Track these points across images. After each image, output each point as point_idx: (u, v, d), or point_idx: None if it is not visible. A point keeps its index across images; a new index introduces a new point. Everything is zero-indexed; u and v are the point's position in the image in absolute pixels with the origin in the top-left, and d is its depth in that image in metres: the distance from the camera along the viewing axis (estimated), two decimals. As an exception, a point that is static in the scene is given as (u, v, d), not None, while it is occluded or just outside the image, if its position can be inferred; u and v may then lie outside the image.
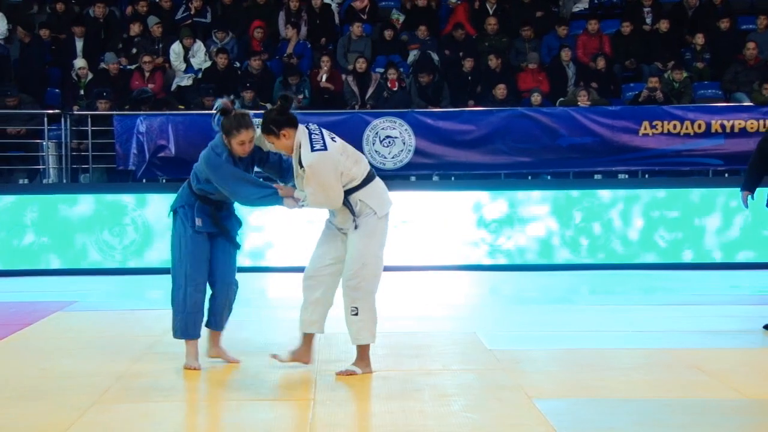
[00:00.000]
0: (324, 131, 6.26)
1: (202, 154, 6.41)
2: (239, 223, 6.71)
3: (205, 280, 6.53)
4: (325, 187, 6.13)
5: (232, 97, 5.93)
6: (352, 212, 6.26)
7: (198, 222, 6.45)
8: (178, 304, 6.54)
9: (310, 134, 6.16)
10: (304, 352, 6.54)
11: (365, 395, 6.00)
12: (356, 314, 6.30)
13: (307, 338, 6.54)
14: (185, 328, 6.55)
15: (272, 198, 6.31)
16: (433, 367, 6.73)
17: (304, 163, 6.08)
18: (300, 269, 6.60)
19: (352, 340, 6.42)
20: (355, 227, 6.28)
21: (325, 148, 6.11)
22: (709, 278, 11.48)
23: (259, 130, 6.36)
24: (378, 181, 6.39)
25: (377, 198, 6.34)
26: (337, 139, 6.30)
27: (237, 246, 6.64)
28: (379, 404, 5.75)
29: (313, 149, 6.09)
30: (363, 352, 6.43)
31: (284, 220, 11.17)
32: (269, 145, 6.35)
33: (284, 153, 6.33)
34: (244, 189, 6.30)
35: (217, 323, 6.64)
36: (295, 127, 6.19)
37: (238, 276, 6.71)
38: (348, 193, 6.23)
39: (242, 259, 10.93)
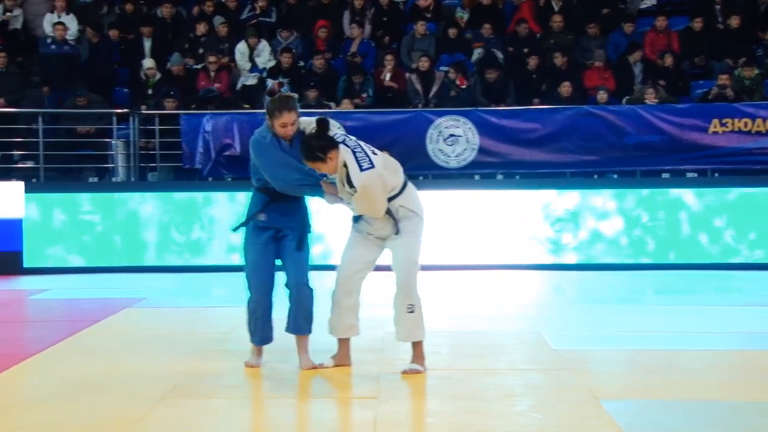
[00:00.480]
0: (363, 145, 6.25)
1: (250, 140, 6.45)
2: (308, 224, 6.62)
3: (268, 285, 6.49)
4: (375, 202, 6.20)
5: (281, 80, 5.96)
6: (394, 218, 6.31)
7: (262, 217, 6.45)
8: (247, 307, 6.59)
9: (354, 153, 6.14)
10: (344, 355, 6.61)
11: (429, 394, 5.99)
12: (412, 311, 6.37)
13: (345, 342, 6.60)
14: (250, 332, 6.61)
15: (314, 188, 6.30)
16: (498, 366, 6.70)
17: (355, 184, 6.10)
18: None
19: (406, 338, 6.45)
20: (397, 231, 6.32)
21: (373, 166, 6.12)
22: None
23: (301, 117, 6.36)
24: (411, 186, 6.46)
25: (415, 200, 6.43)
26: (377, 150, 6.31)
27: (302, 246, 6.51)
28: (444, 403, 5.74)
29: (362, 169, 6.09)
30: (419, 348, 6.49)
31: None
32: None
33: (329, 174, 6.27)
34: (285, 173, 6.27)
35: (290, 326, 6.54)
36: (337, 147, 6.17)
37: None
38: (388, 200, 6.28)
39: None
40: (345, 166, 6.14)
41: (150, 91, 14.60)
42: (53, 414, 5.57)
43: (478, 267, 11.98)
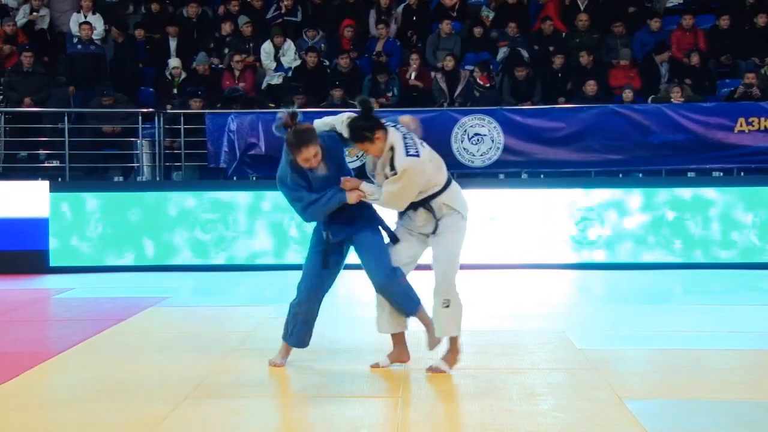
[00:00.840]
0: (414, 135, 6.28)
1: None
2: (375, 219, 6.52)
3: (316, 293, 6.45)
4: (407, 191, 6.19)
5: (294, 107, 5.86)
6: (434, 215, 6.31)
7: (326, 235, 6.38)
8: (289, 307, 6.59)
9: (404, 138, 6.18)
10: (401, 351, 6.61)
11: (453, 393, 5.97)
12: (448, 306, 6.34)
13: (398, 337, 6.59)
14: (286, 332, 6.61)
15: (334, 199, 6.24)
16: (521, 365, 6.67)
17: (397, 166, 6.11)
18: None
19: (440, 332, 6.44)
20: (435, 229, 6.32)
21: (418, 155, 6.15)
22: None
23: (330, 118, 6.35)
24: (456, 184, 6.46)
25: (460, 200, 6.42)
26: (425, 144, 6.32)
27: (370, 245, 6.40)
28: (467, 402, 5.73)
29: (408, 154, 6.13)
30: (454, 344, 6.47)
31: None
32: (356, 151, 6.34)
33: (373, 156, 6.27)
34: (307, 211, 6.29)
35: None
36: (385, 128, 6.19)
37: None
38: (431, 197, 6.28)
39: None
40: (392, 149, 6.14)
41: (175, 91, 14.67)
42: (76, 413, 5.59)
43: (503, 266, 11.94)
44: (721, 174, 13.00)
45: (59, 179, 13.06)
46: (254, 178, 13.03)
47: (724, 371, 6.49)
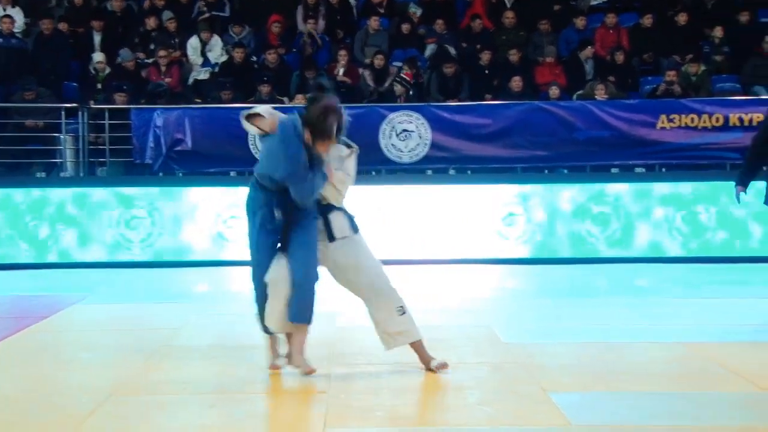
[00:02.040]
0: None
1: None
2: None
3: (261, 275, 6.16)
4: (352, 174, 6.19)
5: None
6: (351, 222, 6.24)
7: (278, 215, 6.08)
8: (255, 302, 6.27)
9: None
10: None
11: (382, 388, 5.97)
12: (404, 313, 6.29)
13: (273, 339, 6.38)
14: (260, 323, 6.31)
15: (322, 176, 6.06)
16: (448, 360, 6.69)
17: (352, 144, 6.13)
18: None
19: (403, 340, 6.30)
20: (330, 236, 6.17)
21: None
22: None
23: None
24: None
25: None
26: None
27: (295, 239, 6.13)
28: (394, 397, 5.74)
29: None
30: (419, 348, 6.36)
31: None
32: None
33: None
34: (312, 192, 6.03)
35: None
36: None
37: None
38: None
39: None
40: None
41: (99, 86, 14.46)
42: (-3, 411, 5.50)
43: (429, 261, 12.00)
44: (644, 170, 13.22)
45: (-20, 175, 12.82)
46: (180, 174, 12.90)
47: (646, 363, 6.60)
